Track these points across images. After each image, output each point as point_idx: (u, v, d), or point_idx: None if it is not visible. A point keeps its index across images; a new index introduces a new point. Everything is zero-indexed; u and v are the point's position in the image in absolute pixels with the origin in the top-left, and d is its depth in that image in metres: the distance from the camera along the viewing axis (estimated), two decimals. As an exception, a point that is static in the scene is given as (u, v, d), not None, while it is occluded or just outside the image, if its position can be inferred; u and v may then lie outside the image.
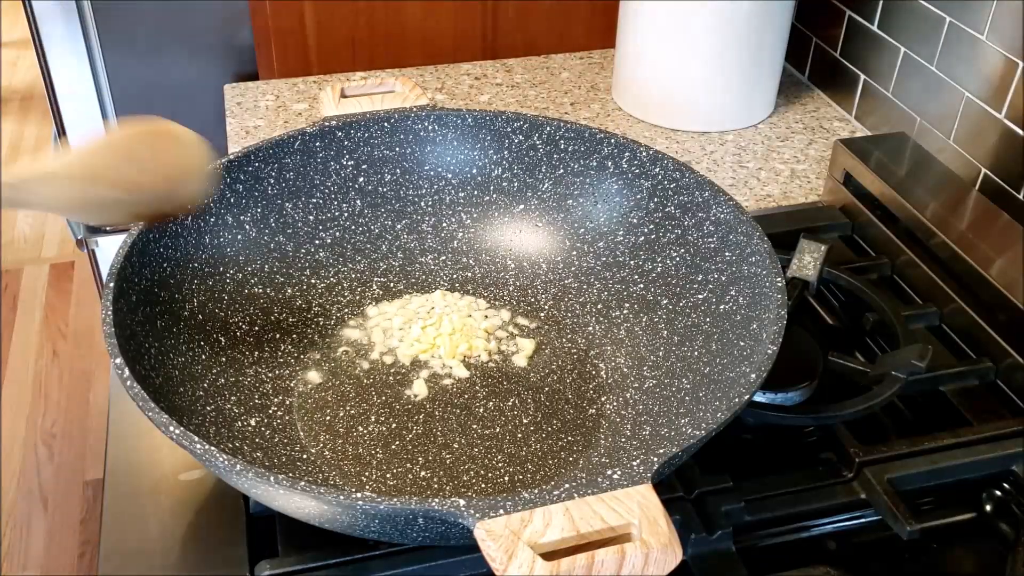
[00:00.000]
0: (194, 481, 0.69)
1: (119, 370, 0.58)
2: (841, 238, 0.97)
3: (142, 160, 0.62)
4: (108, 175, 0.60)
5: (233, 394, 0.70)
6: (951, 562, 0.70)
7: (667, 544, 0.47)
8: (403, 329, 0.79)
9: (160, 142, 0.63)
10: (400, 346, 0.78)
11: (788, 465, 0.72)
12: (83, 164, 0.60)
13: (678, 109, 1.16)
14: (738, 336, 0.67)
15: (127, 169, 0.61)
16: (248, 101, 1.20)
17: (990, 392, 0.80)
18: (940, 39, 0.99)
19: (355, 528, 0.56)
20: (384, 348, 0.78)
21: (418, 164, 0.84)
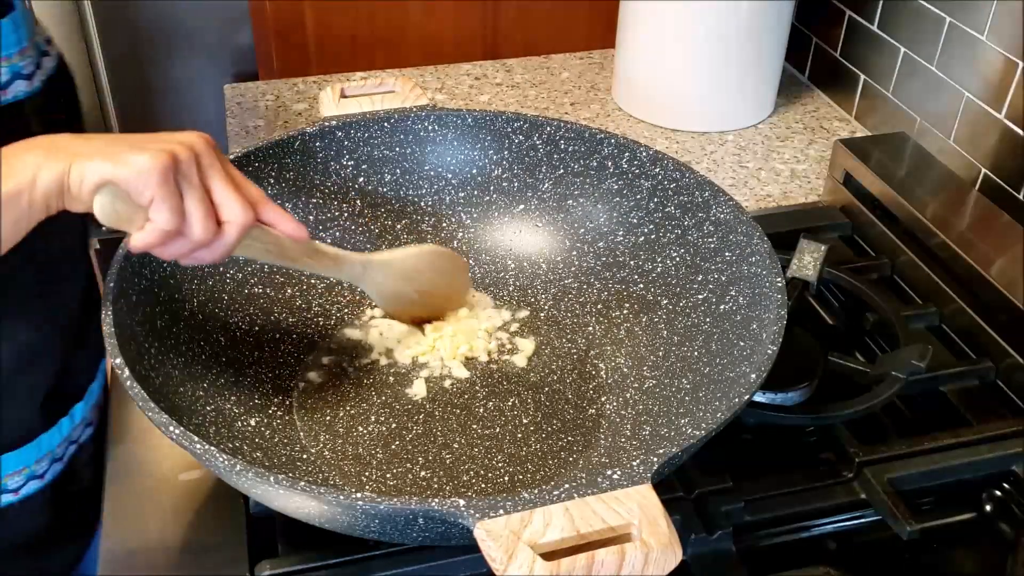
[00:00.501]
0: (194, 481, 0.69)
1: (119, 370, 0.58)
2: (841, 238, 0.97)
3: (436, 274, 0.77)
4: (415, 278, 0.76)
5: (233, 394, 0.70)
6: (951, 562, 0.70)
7: (667, 544, 0.47)
8: (403, 329, 0.79)
9: (445, 262, 0.78)
10: (399, 347, 0.78)
11: (788, 465, 0.72)
12: (403, 264, 0.75)
13: (678, 109, 1.16)
14: (738, 336, 0.67)
15: (424, 276, 0.77)
16: (248, 101, 1.20)
17: (990, 392, 0.80)
18: (940, 39, 0.99)
19: (355, 528, 0.56)
20: (383, 348, 0.78)
21: (418, 164, 0.84)
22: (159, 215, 0.55)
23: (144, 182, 0.54)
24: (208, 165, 0.57)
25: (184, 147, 0.56)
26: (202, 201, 0.57)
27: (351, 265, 0.72)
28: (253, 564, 0.63)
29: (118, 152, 0.54)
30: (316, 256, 0.68)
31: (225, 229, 0.58)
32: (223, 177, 0.58)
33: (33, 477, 0.78)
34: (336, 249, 0.71)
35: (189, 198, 0.56)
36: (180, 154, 0.55)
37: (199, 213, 0.57)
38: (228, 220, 0.58)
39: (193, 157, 0.56)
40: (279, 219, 0.62)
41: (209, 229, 0.57)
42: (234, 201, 0.58)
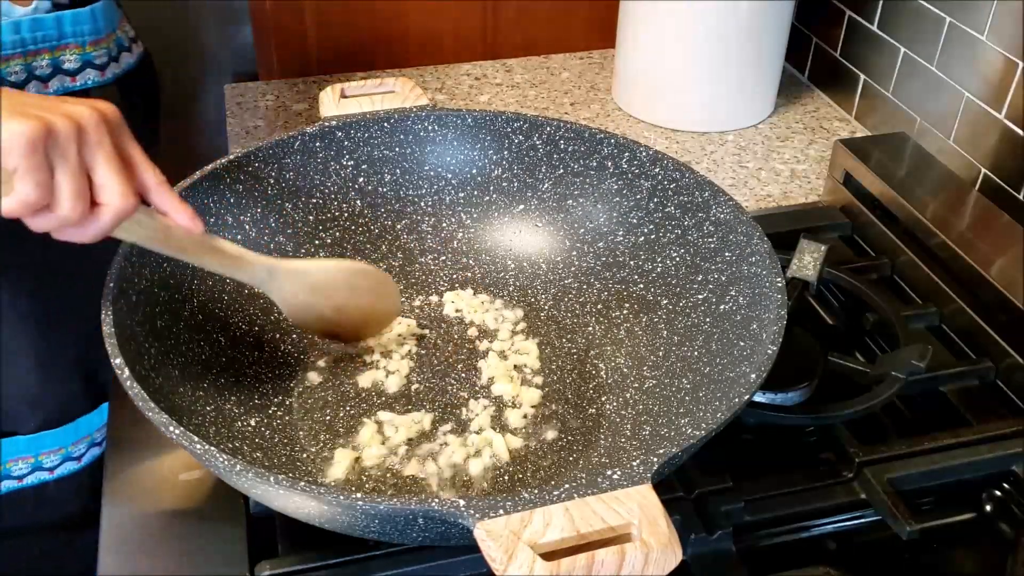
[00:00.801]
0: (194, 481, 0.69)
1: (119, 370, 0.58)
2: (841, 238, 0.97)
3: (353, 290, 0.73)
4: (330, 294, 0.72)
5: (233, 394, 0.70)
6: (951, 562, 0.70)
7: (667, 544, 0.47)
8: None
9: (368, 282, 0.74)
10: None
11: (788, 465, 0.72)
12: (316, 277, 0.71)
13: (678, 109, 1.16)
14: (738, 336, 0.67)
15: (341, 294, 0.72)
16: (248, 101, 1.20)
17: (990, 392, 0.80)
18: (940, 39, 0.99)
19: (355, 528, 0.56)
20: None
21: (418, 164, 0.84)
22: (22, 186, 0.52)
23: (10, 148, 0.51)
24: (94, 142, 0.54)
25: (68, 119, 0.53)
26: (73, 179, 0.53)
27: (253, 268, 0.67)
28: (253, 564, 0.63)
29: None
30: (212, 253, 0.65)
31: (99, 212, 0.55)
32: (108, 157, 0.55)
33: (69, 458, 0.79)
34: (239, 249, 0.67)
35: (60, 174, 0.53)
36: (59, 126, 0.52)
37: (67, 191, 0.53)
38: (104, 203, 0.55)
39: (75, 131, 0.53)
40: (172, 207, 0.60)
41: (77, 210, 0.54)
42: (114, 184, 0.55)
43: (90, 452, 0.83)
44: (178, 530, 0.66)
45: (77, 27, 0.75)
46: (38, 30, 0.73)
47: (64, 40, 0.75)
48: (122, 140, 0.56)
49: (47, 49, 0.74)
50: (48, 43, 0.74)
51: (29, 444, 0.83)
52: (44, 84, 0.75)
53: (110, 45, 0.78)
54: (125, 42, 0.81)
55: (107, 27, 0.77)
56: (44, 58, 0.74)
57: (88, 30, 0.75)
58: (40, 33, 0.74)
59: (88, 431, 0.82)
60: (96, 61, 0.77)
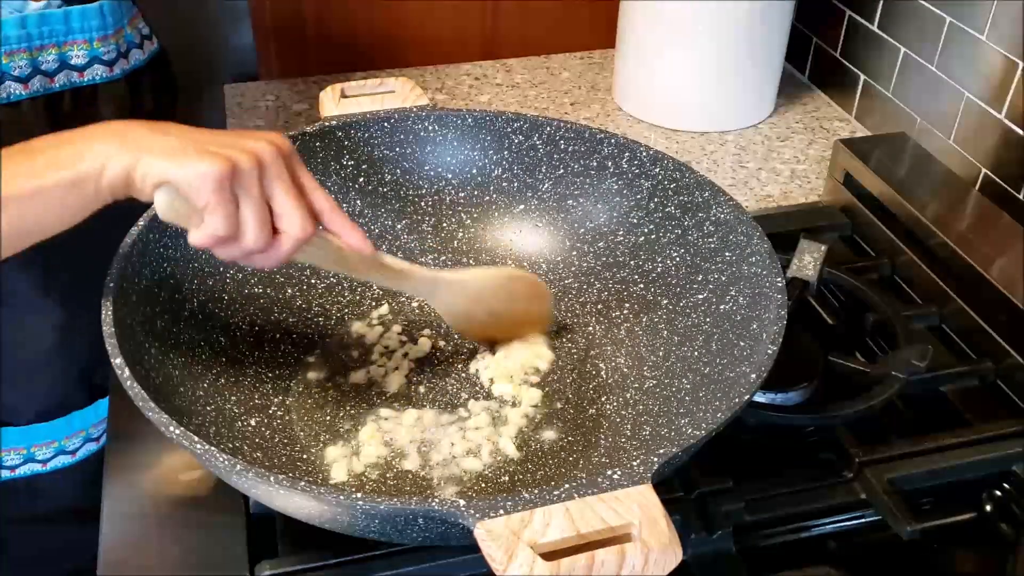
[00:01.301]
0: (194, 481, 0.69)
1: (119, 370, 0.58)
2: (841, 238, 0.97)
3: (509, 295, 0.76)
4: (487, 300, 0.75)
5: (233, 394, 0.70)
6: (951, 562, 0.70)
7: (667, 544, 0.47)
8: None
9: (523, 287, 0.77)
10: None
11: (788, 465, 0.72)
12: (475, 286, 0.74)
13: (678, 109, 1.16)
14: (738, 336, 0.67)
15: (498, 300, 0.75)
16: (248, 101, 1.20)
17: (990, 392, 0.80)
18: (940, 39, 0.99)
19: (355, 528, 0.56)
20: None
21: (418, 164, 0.84)
22: (211, 220, 0.56)
23: (200, 187, 0.55)
24: (274, 175, 0.58)
25: (249, 154, 0.57)
26: (257, 211, 0.57)
27: (419, 281, 0.71)
28: (253, 564, 0.63)
29: (183, 153, 0.55)
30: (381, 269, 0.68)
31: (280, 239, 0.59)
32: (286, 188, 0.59)
33: (63, 452, 0.79)
34: (404, 263, 0.70)
35: (245, 207, 0.57)
36: (242, 162, 0.56)
37: (252, 223, 0.57)
38: (285, 231, 0.59)
39: (256, 165, 0.57)
40: (343, 230, 0.63)
41: (261, 239, 0.58)
42: (293, 213, 0.59)
43: (85, 447, 0.83)
44: (178, 530, 0.66)
45: (85, 23, 0.75)
46: (45, 25, 0.74)
47: (71, 35, 0.75)
48: (296, 169, 0.60)
49: (54, 44, 0.75)
50: (55, 38, 0.75)
51: (22, 435, 0.83)
52: (50, 79, 0.75)
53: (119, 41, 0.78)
54: (136, 39, 0.82)
55: (115, 23, 0.78)
56: (51, 53, 0.75)
57: (96, 26, 0.76)
58: (47, 28, 0.74)
59: (83, 426, 0.82)
60: (104, 57, 0.77)
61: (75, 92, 0.77)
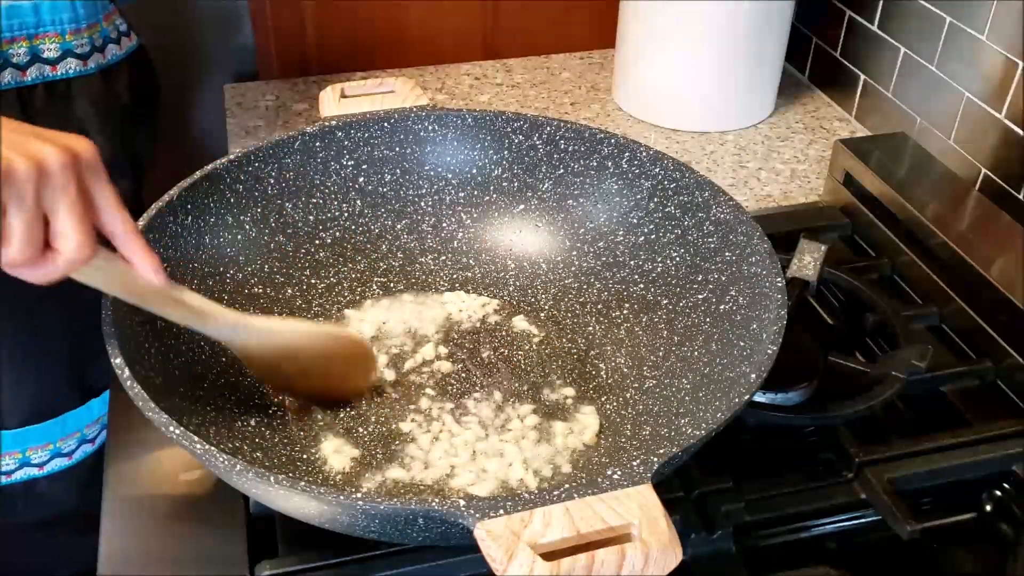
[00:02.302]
0: (194, 481, 0.69)
1: (119, 370, 0.58)
2: (841, 238, 0.97)
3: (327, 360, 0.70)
4: (297, 358, 0.69)
5: (233, 394, 0.70)
6: (951, 562, 0.70)
7: (667, 544, 0.47)
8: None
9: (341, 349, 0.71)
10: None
11: (788, 465, 0.72)
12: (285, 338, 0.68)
13: (678, 109, 1.16)
14: (738, 336, 0.67)
15: (312, 361, 0.70)
16: (248, 101, 1.20)
17: (990, 392, 0.80)
18: (940, 39, 0.99)
19: (355, 528, 0.56)
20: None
21: (418, 164, 0.84)
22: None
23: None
24: (56, 185, 0.51)
25: (29, 159, 0.50)
26: (25, 224, 0.50)
27: (218, 324, 0.64)
28: (253, 564, 0.63)
29: None
30: (174, 305, 0.62)
31: (54, 258, 0.53)
32: (70, 203, 0.52)
33: (59, 455, 0.78)
34: (204, 302, 0.64)
35: (12, 216, 0.50)
36: (17, 168, 0.49)
37: (17, 235, 0.50)
38: (59, 250, 0.52)
39: (35, 172, 0.50)
40: (135, 256, 0.57)
41: (25, 254, 0.51)
42: (72, 233, 0.52)
43: (81, 449, 0.82)
44: (178, 530, 0.66)
45: (56, 15, 0.73)
46: (14, 17, 0.72)
47: (42, 28, 0.74)
48: (92, 182, 0.53)
49: (24, 37, 0.73)
50: (25, 31, 0.73)
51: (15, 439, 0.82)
52: (22, 72, 0.74)
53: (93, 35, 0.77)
54: (112, 34, 0.80)
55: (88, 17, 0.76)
56: (21, 46, 0.73)
57: (67, 19, 0.74)
58: (16, 20, 0.72)
59: (77, 427, 0.81)
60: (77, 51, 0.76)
61: (48, 86, 0.75)
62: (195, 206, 0.73)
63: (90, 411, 0.82)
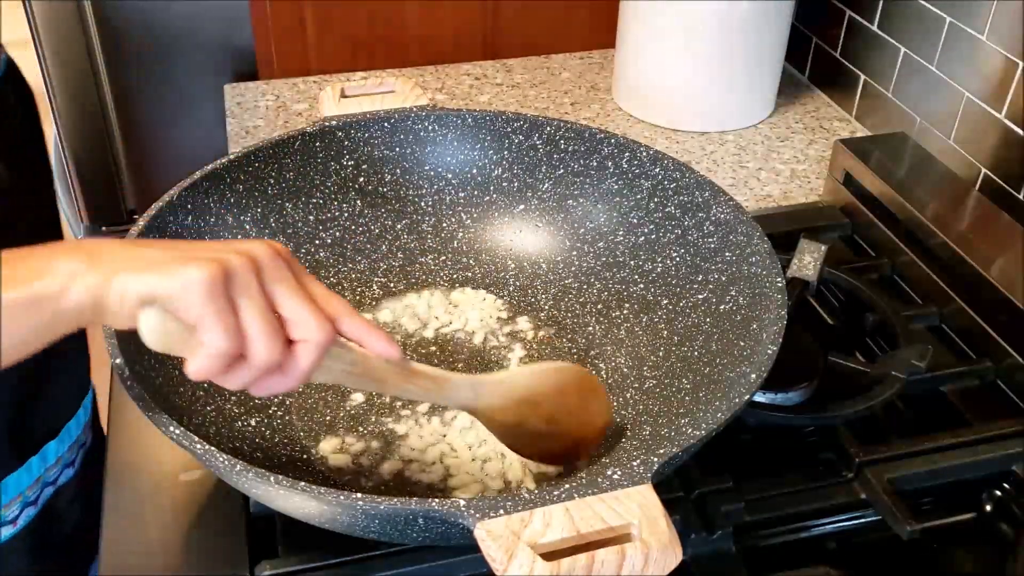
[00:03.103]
0: (194, 481, 0.69)
1: (119, 370, 0.58)
2: (841, 238, 0.97)
3: (560, 392, 0.65)
4: (539, 402, 0.63)
5: (233, 394, 0.70)
6: (951, 562, 0.70)
7: (667, 544, 0.47)
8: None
9: (582, 385, 0.66)
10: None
11: (788, 465, 0.72)
12: (517, 383, 0.63)
13: (678, 109, 1.16)
14: (738, 336, 0.67)
15: (551, 399, 0.64)
16: (248, 101, 1.20)
17: (990, 392, 0.80)
18: (940, 39, 0.99)
19: (355, 528, 0.56)
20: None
21: (418, 164, 0.84)
22: (208, 335, 0.47)
23: (190, 298, 0.46)
24: (275, 278, 0.49)
25: (241, 255, 0.48)
26: (263, 317, 0.48)
27: (456, 387, 0.60)
28: (253, 564, 0.63)
29: (165, 263, 0.47)
30: (413, 378, 0.58)
31: (298, 350, 0.49)
32: (293, 289, 0.49)
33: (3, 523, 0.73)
34: (437, 370, 0.60)
35: (246, 313, 0.48)
36: (233, 263, 0.47)
37: (259, 331, 0.48)
38: (301, 339, 0.49)
39: (252, 266, 0.48)
40: (366, 335, 0.52)
41: (274, 350, 0.48)
42: (308, 316, 0.49)
43: (25, 513, 0.75)
44: (178, 530, 0.66)
45: None
46: None
47: None
48: (299, 273, 0.51)
49: None
50: None
51: None
52: None
53: None
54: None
55: None
56: None
57: None
58: None
59: (18, 490, 0.73)
60: None
61: None
62: (195, 206, 0.73)
63: (30, 471, 0.74)
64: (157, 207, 0.70)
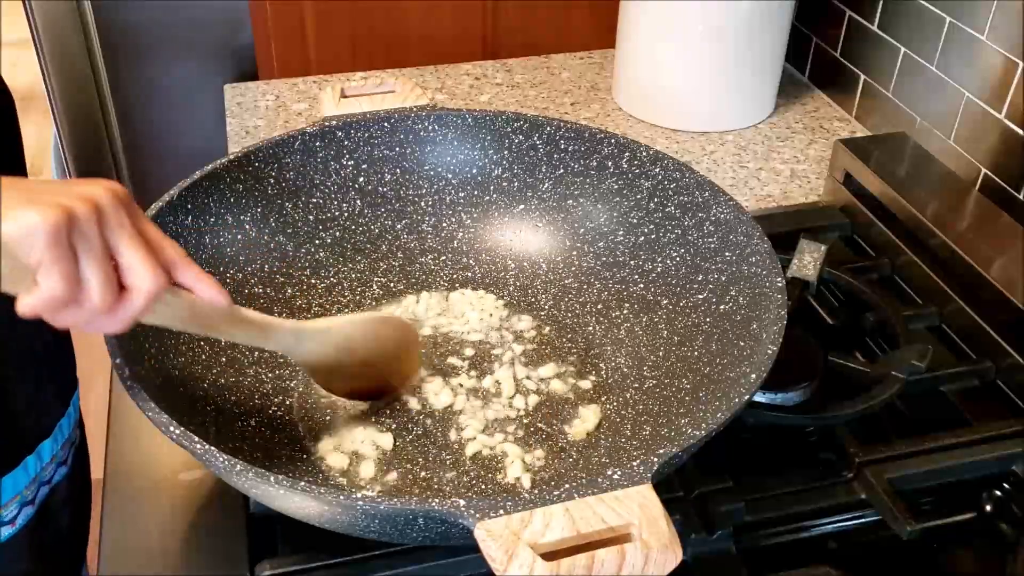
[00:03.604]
0: (194, 481, 0.69)
1: (119, 370, 0.58)
2: (841, 238, 0.97)
3: (380, 344, 0.71)
4: (355, 349, 0.69)
5: (233, 394, 0.70)
6: (951, 562, 0.70)
7: (667, 544, 0.47)
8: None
9: (391, 331, 0.72)
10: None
11: (788, 465, 0.72)
12: (341, 333, 0.68)
13: (678, 109, 1.16)
14: (738, 336, 0.67)
15: (370, 349, 0.70)
16: (248, 101, 1.20)
17: (990, 392, 0.80)
18: (940, 39, 0.99)
19: (355, 528, 0.56)
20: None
21: (418, 164, 0.84)
22: (48, 280, 0.47)
23: (31, 242, 0.46)
24: (115, 224, 0.50)
25: (86, 201, 0.49)
26: (101, 266, 0.49)
27: (281, 334, 0.64)
28: (253, 564, 0.63)
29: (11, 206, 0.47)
30: (240, 324, 0.61)
31: (130, 296, 0.51)
32: (131, 236, 0.51)
33: (3, 523, 0.74)
34: (263, 316, 0.64)
35: (85, 262, 0.49)
36: (78, 210, 0.48)
37: (97, 280, 0.49)
38: (134, 286, 0.51)
39: (95, 213, 0.49)
40: (197, 283, 0.55)
41: (107, 297, 0.50)
42: (142, 264, 0.51)
43: (23, 512, 0.75)
44: (178, 530, 0.66)
45: None
46: None
47: None
48: (137, 218, 0.52)
49: None
50: None
51: None
52: None
53: None
54: None
55: None
56: None
57: None
58: None
59: (15, 491, 0.74)
60: None
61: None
62: (195, 206, 0.73)
63: (26, 470, 0.75)
64: (157, 207, 0.70)
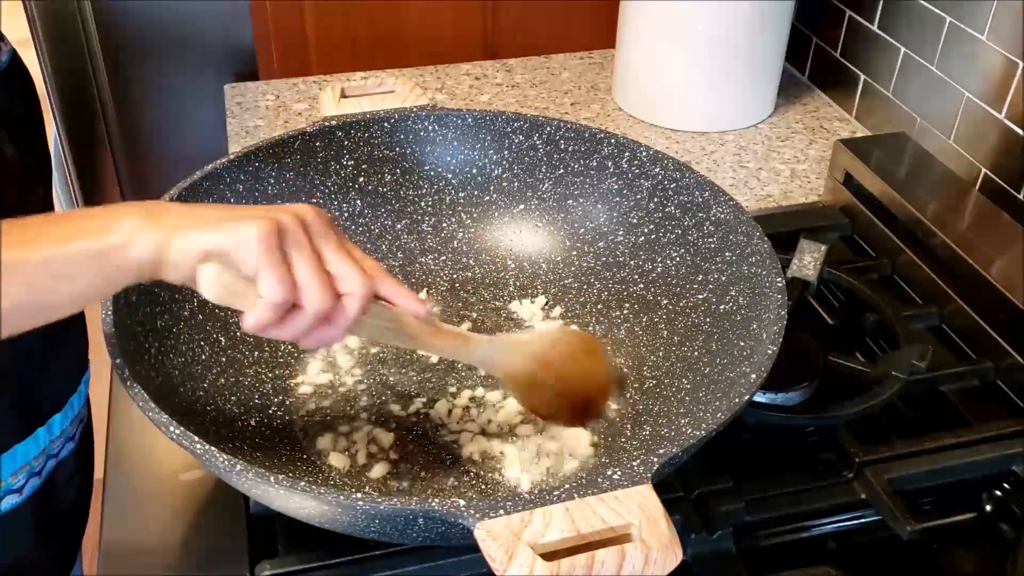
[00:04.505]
0: (194, 481, 0.69)
1: (119, 370, 0.58)
2: (841, 238, 0.97)
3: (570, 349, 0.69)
4: (551, 361, 0.67)
5: (233, 394, 0.70)
6: (951, 562, 0.70)
7: (667, 544, 0.47)
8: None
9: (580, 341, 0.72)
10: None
11: (788, 465, 0.72)
12: (537, 343, 0.68)
13: (678, 109, 1.16)
14: (738, 336, 0.67)
15: (562, 356, 0.68)
16: (248, 101, 1.20)
17: (990, 392, 0.80)
18: (940, 39, 0.99)
19: (355, 528, 0.56)
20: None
21: (418, 164, 0.84)
22: (266, 286, 0.51)
23: (248, 250, 0.50)
24: (320, 234, 0.53)
25: (291, 215, 0.52)
26: (315, 267, 0.52)
27: (478, 345, 0.64)
28: (253, 564, 0.63)
29: (221, 221, 0.51)
30: (441, 336, 0.63)
31: (344, 302, 0.53)
32: (337, 246, 0.54)
33: (10, 491, 0.75)
34: (460, 329, 0.66)
35: (299, 265, 0.52)
36: (285, 220, 0.52)
37: (313, 280, 0.52)
38: (347, 292, 0.53)
39: (300, 225, 0.52)
40: (399, 294, 0.57)
41: (326, 297, 0.52)
42: (352, 270, 0.53)
43: (30, 483, 0.76)
44: (178, 530, 0.66)
45: None
46: None
47: None
48: (338, 233, 0.55)
49: None
50: None
51: None
52: None
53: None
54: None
55: None
56: None
57: None
58: None
59: (25, 459, 0.75)
60: None
61: None
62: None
63: (36, 442, 0.76)
64: (157, 207, 0.70)
